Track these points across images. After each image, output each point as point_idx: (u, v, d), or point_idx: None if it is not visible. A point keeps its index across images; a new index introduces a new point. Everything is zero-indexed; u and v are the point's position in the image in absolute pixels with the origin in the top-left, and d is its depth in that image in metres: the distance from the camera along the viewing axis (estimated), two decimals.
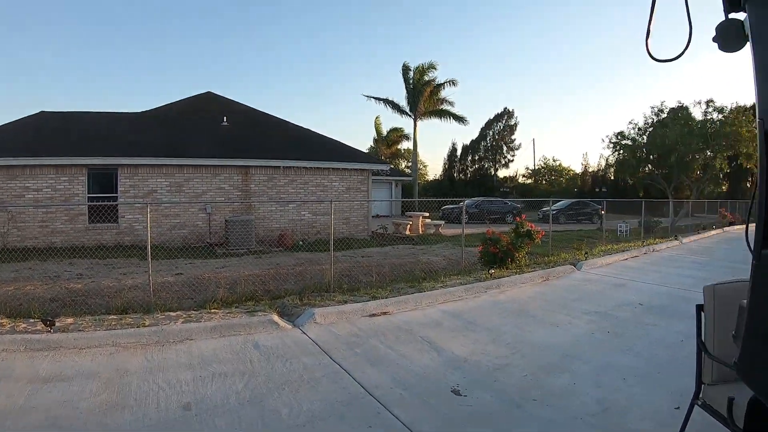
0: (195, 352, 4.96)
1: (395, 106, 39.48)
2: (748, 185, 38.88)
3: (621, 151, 25.75)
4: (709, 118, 23.32)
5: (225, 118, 18.58)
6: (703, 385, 3.08)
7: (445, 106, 39.62)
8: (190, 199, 15.00)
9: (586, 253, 11.71)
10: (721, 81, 74.28)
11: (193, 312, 6.22)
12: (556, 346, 5.37)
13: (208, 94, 21.56)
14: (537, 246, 10.52)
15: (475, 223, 19.71)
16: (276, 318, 6.00)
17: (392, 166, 35.29)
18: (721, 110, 23.33)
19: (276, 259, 11.89)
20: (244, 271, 9.40)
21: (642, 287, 8.84)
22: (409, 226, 18.72)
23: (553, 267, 10.09)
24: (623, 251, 13.02)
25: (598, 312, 6.96)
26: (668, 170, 23.86)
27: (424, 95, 37.25)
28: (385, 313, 6.60)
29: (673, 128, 22.05)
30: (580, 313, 6.90)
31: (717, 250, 15.17)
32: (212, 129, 17.94)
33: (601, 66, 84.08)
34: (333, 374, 4.46)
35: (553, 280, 9.27)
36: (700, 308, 3.12)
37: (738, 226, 24.88)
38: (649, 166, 25.17)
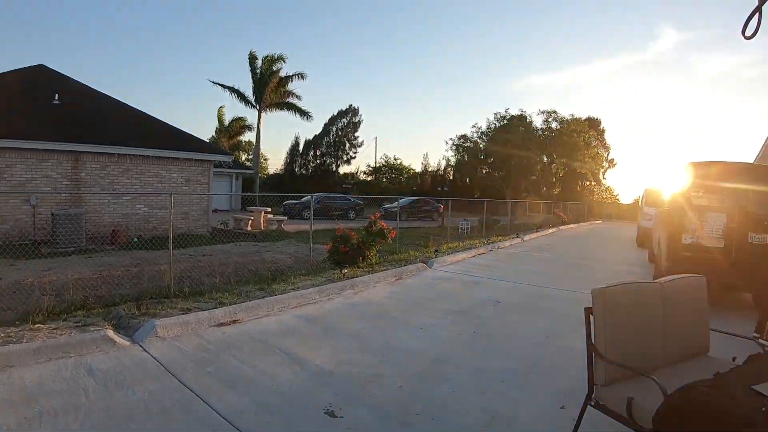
0: (17, 384, 3.84)
1: (241, 96, 37.73)
2: (578, 189, 43.79)
3: (462, 153, 27.25)
4: (548, 126, 25.67)
5: (57, 95, 15.74)
6: (595, 386, 3.03)
7: (292, 100, 39.02)
8: (12, 188, 12.34)
9: (435, 250, 11.81)
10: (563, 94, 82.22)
11: (13, 328, 4.81)
12: (425, 351, 5.17)
13: (40, 67, 18.10)
14: (385, 244, 10.23)
15: (318, 219, 19.19)
16: (111, 334, 4.91)
17: (234, 158, 33.50)
18: (561, 121, 25.85)
19: (109, 258, 10.23)
20: (73, 273, 7.77)
21: (496, 284, 9.20)
22: (250, 221, 17.68)
23: (404, 265, 10.06)
24: (470, 249, 13.53)
25: (460, 311, 7.00)
26: (506, 173, 25.73)
27: (270, 86, 36.05)
28: (235, 322, 5.79)
29: (515, 134, 23.84)
30: (441, 313, 6.86)
31: (557, 247, 16.84)
32: (41, 108, 15.03)
33: (448, 72, 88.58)
34: (185, 402, 3.69)
35: (406, 279, 9.17)
36: (589, 311, 3.09)
37: (572, 225, 27.65)
38: (488, 168, 26.95)
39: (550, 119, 25.21)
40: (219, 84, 38.19)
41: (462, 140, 26.82)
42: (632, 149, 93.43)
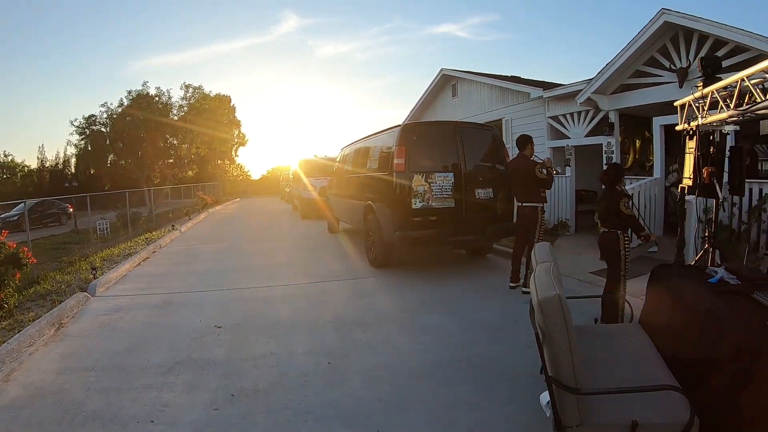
0: None
1: None
2: (211, 168, 41.52)
3: (89, 138, 22.10)
4: (190, 103, 22.64)
5: None
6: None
7: None
8: None
9: (93, 268, 8.35)
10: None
11: None
12: None
13: None
14: (24, 273, 6.67)
15: None
16: None
17: None
18: (204, 97, 23.09)
19: None
20: None
21: (195, 299, 6.80)
22: None
23: (59, 302, 6.45)
24: (131, 255, 10.37)
25: (184, 362, 4.50)
26: (139, 158, 21.96)
27: None
28: None
29: (150, 112, 20.18)
30: (159, 375, 4.23)
31: (223, 233, 14.71)
32: None
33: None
34: None
35: (72, 325, 5.82)
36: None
37: (218, 206, 25.59)
38: (117, 155, 22.60)
39: (194, 95, 22.70)
40: None
41: (89, 122, 21.69)
42: (260, 126, 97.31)
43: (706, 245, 5.31)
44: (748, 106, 3.87)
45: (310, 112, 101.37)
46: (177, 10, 73.38)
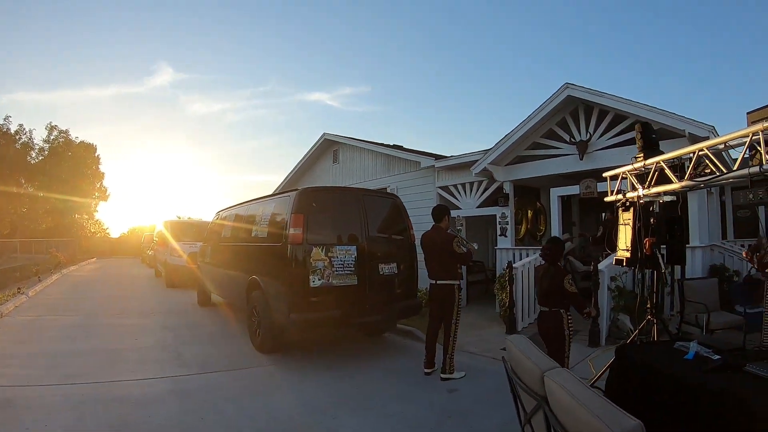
0: None
1: None
2: (67, 223, 37.04)
3: None
4: (52, 146, 19.99)
5: None
6: None
7: None
8: None
9: None
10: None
11: None
12: None
13: None
14: None
15: None
16: None
17: None
18: (68, 143, 20.46)
19: None
20: None
21: (43, 398, 4.96)
22: None
23: None
24: None
25: None
26: None
27: None
28: None
29: (5, 150, 17.47)
30: None
31: (79, 301, 12.28)
32: None
33: None
34: None
35: None
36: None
37: (73, 266, 22.50)
38: None
39: (58, 137, 19.91)
40: None
41: None
42: (123, 181, 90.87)
43: (648, 316, 5.10)
44: (709, 177, 3.85)
45: (177, 172, 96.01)
46: (51, 45, 67.13)
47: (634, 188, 4.91)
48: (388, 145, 14.09)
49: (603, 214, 10.00)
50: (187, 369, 6.10)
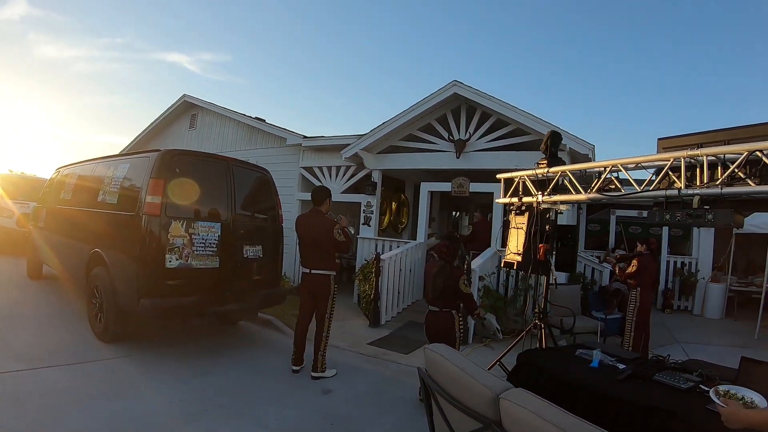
0: None
1: None
2: None
3: None
4: None
5: None
6: None
7: None
8: None
9: None
10: None
11: None
12: None
13: None
14: None
15: None
16: None
17: None
18: None
19: None
20: None
21: None
22: None
23: None
24: None
25: None
26: None
27: None
28: None
29: None
30: None
31: None
32: None
33: None
34: None
35: None
36: None
37: None
38: None
39: None
40: None
41: None
42: None
43: (536, 320, 5.11)
44: (620, 194, 4.00)
45: (12, 119, 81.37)
46: None
47: (529, 193, 4.87)
48: (252, 117, 13.05)
49: (474, 214, 10.33)
50: (22, 363, 4.63)
